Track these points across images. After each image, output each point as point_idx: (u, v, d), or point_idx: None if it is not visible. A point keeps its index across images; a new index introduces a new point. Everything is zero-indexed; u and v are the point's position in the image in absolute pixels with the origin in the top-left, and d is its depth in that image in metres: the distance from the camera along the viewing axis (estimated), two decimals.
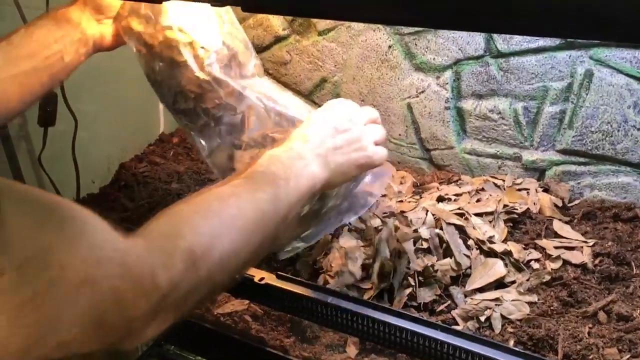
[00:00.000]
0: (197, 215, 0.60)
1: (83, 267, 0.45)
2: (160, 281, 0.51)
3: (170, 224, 0.58)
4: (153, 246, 0.54)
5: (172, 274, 0.53)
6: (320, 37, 1.35)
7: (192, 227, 0.58)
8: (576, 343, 0.83)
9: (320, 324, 0.84)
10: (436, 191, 1.16)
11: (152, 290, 0.50)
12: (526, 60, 1.13)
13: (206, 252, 0.57)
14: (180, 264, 0.54)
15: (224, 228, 0.61)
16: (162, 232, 0.56)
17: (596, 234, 1.04)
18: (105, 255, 0.47)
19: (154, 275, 0.51)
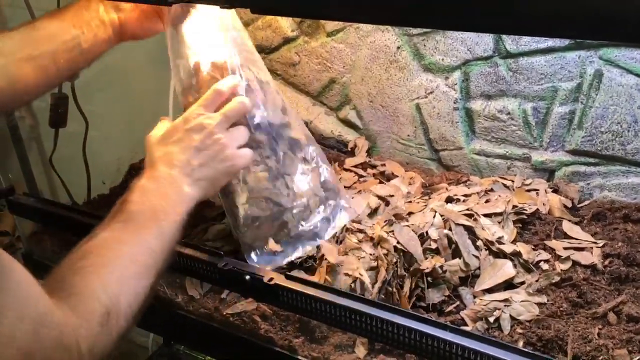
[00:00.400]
0: (100, 269, 0.64)
1: (25, 343, 0.50)
2: (83, 347, 0.57)
3: (82, 281, 0.62)
4: (77, 312, 0.58)
5: (90, 338, 0.58)
6: (329, 38, 1.36)
7: (101, 283, 0.62)
8: (586, 344, 0.82)
9: (329, 324, 0.84)
10: (445, 192, 1.16)
11: (76, 356, 0.56)
12: (535, 60, 1.13)
13: (116, 307, 0.62)
14: (97, 327, 0.59)
15: (124, 278, 0.65)
16: (80, 294, 0.60)
17: (606, 235, 1.04)
18: (45, 331, 0.52)
19: (79, 343, 0.56)
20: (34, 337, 0.51)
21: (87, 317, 0.59)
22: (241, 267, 0.87)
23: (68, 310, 0.57)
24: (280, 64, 1.46)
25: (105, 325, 0.60)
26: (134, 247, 0.68)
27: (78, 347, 0.56)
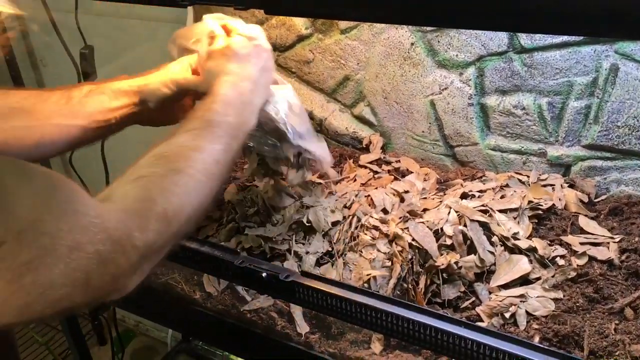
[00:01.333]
0: (166, 179, 0.67)
1: (70, 236, 0.52)
2: (138, 242, 0.58)
3: (143, 188, 0.65)
4: (129, 211, 0.60)
5: (148, 236, 0.60)
6: (343, 35, 1.36)
7: (164, 192, 0.65)
8: (602, 339, 0.82)
9: (345, 320, 0.85)
10: (460, 188, 1.16)
11: (130, 250, 0.57)
12: (550, 55, 1.12)
13: (177, 212, 0.65)
14: (154, 225, 0.61)
15: (191, 185, 0.68)
16: (137, 197, 0.63)
17: (623, 230, 1.03)
18: (88, 223, 0.54)
19: (132, 237, 0.58)
20: (79, 229, 0.52)
21: (140, 216, 0.61)
22: (258, 265, 0.88)
23: (118, 209, 0.60)
24: (295, 62, 1.47)
25: (165, 226, 0.63)
26: (205, 156, 0.72)
27: (130, 239, 0.58)
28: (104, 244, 0.54)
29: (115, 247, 0.55)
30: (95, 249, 0.53)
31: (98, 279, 0.54)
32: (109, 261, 0.55)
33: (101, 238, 0.54)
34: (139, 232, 0.59)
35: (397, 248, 0.97)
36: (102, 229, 0.55)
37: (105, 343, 1.89)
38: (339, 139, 1.47)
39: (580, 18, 0.52)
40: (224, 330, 1.02)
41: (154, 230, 0.61)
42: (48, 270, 0.50)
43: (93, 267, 0.53)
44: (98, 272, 0.54)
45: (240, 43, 0.92)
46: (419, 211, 1.06)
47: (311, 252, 1.02)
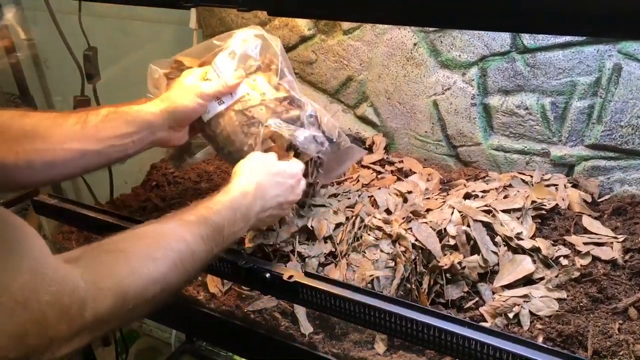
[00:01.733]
0: (141, 260, 0.65)
1: (21, 292, 0.50)
2: (87, 314, 0.57)
3: (114, 261, 0.64)
4: (90, 280, 0.58)
5: (100, 310, 0.58)
6: (346, 36, 1.36)
7: (133, 272, 0.63)
8: (606, 339, 0.82)
9: (349, 321, 0.85)
10: (463, 188, 1.16)
11: (76, 319, 0.56)
12: (553, 55, 1.12)
13: (138, 295, 0.63)
14: (110, 302, 0.59)
15: (160, 276, 0.66)
16: (104, 269, 0.62)
17: (626, 230, 1.03)
18: (43, 283, 0.52)
19: (82, 308, 0.56)
20: (30, 287, 0.51)
21: (98, 288, 0.59)
22: (261, 265, 0.88)
23: (77, 274, 0.58)
24: (298, 63, 1.47)
25: (121, 304, 0.61)
26: (187, 251, 0.71)
27: (81, 310, 0.56)
28: (51, 307, 0.53)
29: (62, 314, 0.54)
30: (40, 309, 0.52)
31: (35, 339, 0.52)
32: (51, 325, 0.54)
33: (50, 301, 0.53)
34: (93, 303, 0.58)
35: (400, 248, 0.97)
36: (54, 292, 0.53)
37: (109, 344, 1.89)
38: None
39: (583, 18, 0.52)
40: (228, 331, 1.02)
41: (108, 306, 0.59)
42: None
43: (33, 326, 0.52)
44: (37, 332, 0.52)
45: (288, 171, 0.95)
46: (422, 211, 1.06)
47: (313, 254, 1.02)
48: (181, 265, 0.70)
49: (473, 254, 0.96)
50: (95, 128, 0.90)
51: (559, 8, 0.52)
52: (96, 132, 0.90)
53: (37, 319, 0.52)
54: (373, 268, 0.97)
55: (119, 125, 0.92)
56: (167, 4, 0.99)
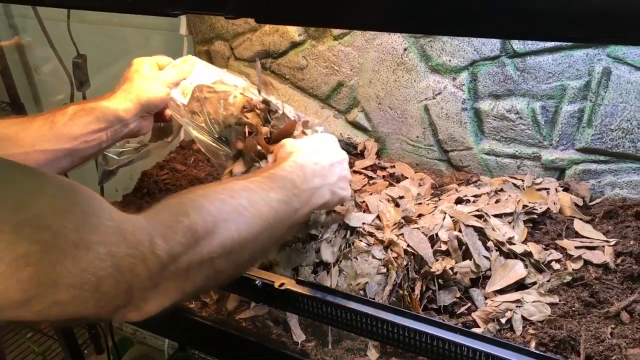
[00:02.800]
0: (203, 200, 0.62)
1: (77, 234, 0.47)
2: (159, 250, 0.53)
3: (176, 203, 0.61)
4: (154, 219, 0.56)
5: (172, 245, 0.55)
6: (336, 41, 1.36)
7: (197, 208, 0.60)
8: (599, 344, 0.82)
9: (341, 328, 0.84)
10: (455, 193, 1.16)
11: (150, 257, 0.52)
12: (543, 59, 1.12)
13: (209, 233, 0.59)
14: (180, 238, 0.56)
15: (231, 214, 0.63)
16: (167, 209, 0.59)
17: (618, 233, 1.03)
18: (99, 223, 0.50)
19: (152, 243, 0.53)
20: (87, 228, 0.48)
21: (165, 225, 0.56)
22: (252, 273, 0.88)
23: (141, 217, 0.55)
24: (288, 68, 1.47)
25: (193, 242, 0.57)
26: (254, 196, 0.67)
27: (151, 246, 0.53)
28: (118, 246, 0.50)
29: (131, 250, 0.51)
30: (108, 250, 0.49)
31: (111, 285, 0.49)
32: (124, 267, 0.50)
33: (115, 240, 0.50)
34: (161, 239, 0.54)
35: (392, 254, 0.97)
36: (116, 230, 0.50)
37: (102, 352, 1.88)
38: None
39: (573, 23, 0.52)
40: (220, 339, 1.02)
41: (180, 242, 0.56)
42: (51, 267, 0.45)
43: (105, 270, 0.48)
44: (111, 277, 0.49)
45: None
46: (414, 217, 1.05)
47: (305, 263, 1.02)
48: (254, 209, 0.65)
49: (465, 259, 0.96)
50: (65, 127, 0.90)
51: (548, 12, 0.52)
52: (67, 131, 0.90)
53: (106, 261, 0.48)
54: (365, 274, 0.96)
55: (89, 122, 0.92)
56: (155, 11, 0.98)
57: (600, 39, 0.51)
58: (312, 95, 1.47)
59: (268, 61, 1.50)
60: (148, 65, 1.03)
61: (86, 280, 0.47)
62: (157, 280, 0.54)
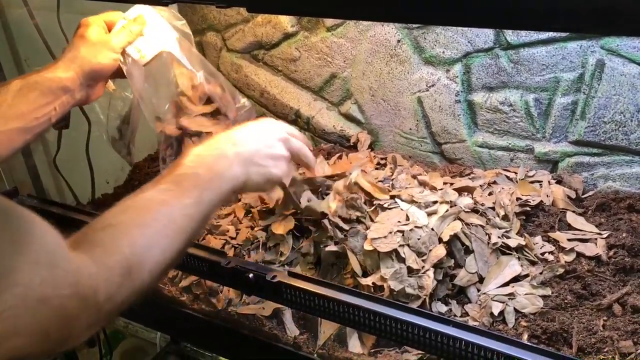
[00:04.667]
0: (134, 229, 0.65)
1: (41, 289, 0.51)
2: (100, 297, 0.57)
3: (111, 237, 0.63)
4: (97, 263, 0.59)
5: (111, 289, 0.59)
6: (329, 33, 1.35)
7: (129, 241, 0.63)
8: (591, 336, 0.82)
9: (333, 320, 0.84)
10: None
11: (93, 305, 0.56)
12: (536, 51, 1.12)
13: (140, 264, 0.63)
14: (118, 278, 0.60)
15: (156, 238, 0.66)
16: (105, 246, 0.62)
17: (610, 226, 1.03)
18: (60, 277, 0.53)
19: (97, 292, 0.57)
20: (50, 282, 0.51)
21: (108, 268, 0.59)
22: (244, 266, 0.87)
23: (88, 260, 0.58)
24: (281, 60, 1.46)
25: (128, 278, 0.61)
26: (172, 211, 0.69)
27: (95, 295, 0.56)
28: (70, 299, 0.53)
29: (80, 303, 0.55)
30: (61, 302, 0.53)
31: (57, 332, 0.53)
32: (72, 316, 0.54)
33: (69, 293, 0.53)
34: (104, 285, 0.58)
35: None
36: (73, 283, 0.54)
37: (94, 345, 1.87)
38: (327, 137, 1.47)
39: (566, 14, 0.51)
40: (212, 332, 1.01)
41: (117, 283, 0.60)
42: (14, 320, 0.49)
43: (55, 320, 0.52)
44: (59, 325, 0.53)
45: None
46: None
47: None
48: (174, 225, 0.68)
49: (467, 254, 0.95)
50: (11, 107, 0.88)
51: (541, 3, 0.52)
52: (14, 110, 0.88)
53: (58, 313, 0.52)
54: (359, 267, 0.96)
55: (35, 98, 0.89)
56: (146, 0, 0.98)
57: (594, 29, 0.51)
58: (305, 87, 1.46)
59: (260, 53, 1.49)
60: (95, 28, 0.98)
61: (37, 330, 0.51)
62: (93, 321, 0.58)
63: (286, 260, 1.03)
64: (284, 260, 1.03)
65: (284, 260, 1.03)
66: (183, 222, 0.70)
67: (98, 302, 0.57)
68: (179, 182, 0.73)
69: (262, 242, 1.06)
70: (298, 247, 1.04)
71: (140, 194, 0.71)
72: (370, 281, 0.91)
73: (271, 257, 1.04)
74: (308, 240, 1.03)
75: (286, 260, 1.03)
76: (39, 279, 0.50)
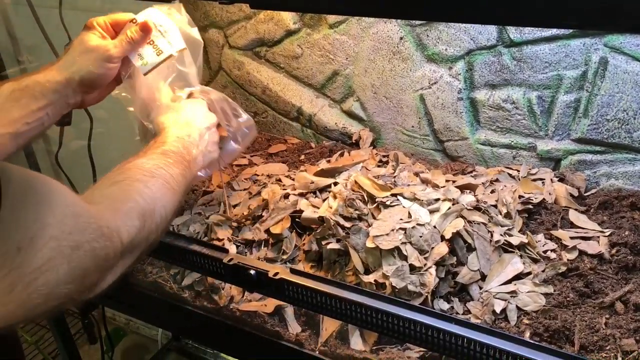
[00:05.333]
0: (140, 184, 0.74)
1: (72, 237, 0.56)
2: (124, 238, 0.64)
3: (120, 190, 0.71)
4: (115, 209, 0.67)
5: (131, 231, 0.66)
6: (331, 30, 1.35)
7: (140, 194, 0.72)
8: (593, 334, 0.82)
9: (335, 317, 0.84)
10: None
11: (118, 245, 0.63)
12: (539, 49, 1.12)
13: (150, 211, 0.71)
14: (136, 222, 0.67)
15: (158, 191, 0.75)
16: (118, 198, 0.70)
17: (613, 224, 1.03)
18: (85, 224, 0.58)
19: (120, 233, 0.63)
20: (78, 230, 0.57)
21: (124, 213, 0.67)
22: (246, 262, 0.87)
23: (104, 208, 0.65)
24: (283, 57, 1.46)
25: (142, 224, 0.68)
26: (167, 174, 0.79)
27: (119, 236, 0.63)
28: (97, 241, 0.59)
29: (106, 242, 0.60)
30: (91, 246, 0.58)
31: (92, 274, 0.59)
32: (101, 256, 0.59)
33: (95, 236, 0.59)
34: (124, 227, 0.65)
35: None
36: (97, 227, 0.59)
37: (95, 342, 1.87)
38: (329, 134, 1.47)
39: (571, 10, 0.51)
40: (214, 329, 1.01)
41: (134, 226, 0.67)
42: (55, 272, 0.54)
43: (89, 262, 0.58)
44: (93, 268, 0.58)
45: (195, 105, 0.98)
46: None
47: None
48: (168, 185, 0.77)
49: (469, 251, 0.95)
50: (2, 111, 0.86)
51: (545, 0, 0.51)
52: (5, 115, 0.86)
53: (91, 255, 0.58)
54: (361, 265, 0.96)
55: (27, 103, 0.88)
56: None
57: (597, 26, 0.51)
58: (307, 84, 1.46)
59: (263, 49, 1.49)
60: (96, 33, 0.95)
61: (77, 275, 0.56)
62: (118, 260, 0.64)
63: (288, 258, 1.03)
64: (286, 258, 1.03)
65: (286, 258, 1.03)
66: (176, 186, 0.79)
67: (123, 242, 0.63)
68: (167, 154, 0.83)
69: (264, 239, 1.06)
70: (300, 244, 1.04)
71: (132, 161, 0.79)
72: (372, 279, 0.91)
73: (273, 255, 1.04)
74: (310, 237, 1.03)
75: (288, 257, 1.03)
76: (68, 229, 0.55)
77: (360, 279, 0.93)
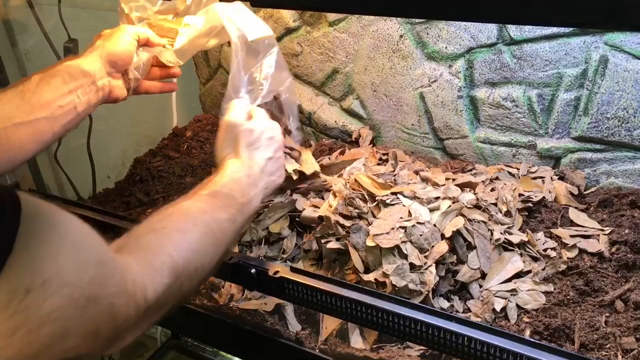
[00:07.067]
0: (177, 234, 0.68)
1: (90, 287, 0.50)
2: (149, 296, 0.58)
3: (156, 240, 0.66)
4: (144, 264, 0.60)
5: (158, 289, 0.60)
6: (331, 27, 1.35)
7: (175, 245, 0.66)
8: (593, 332, 0.82)
9: (335, 316, 0.84)
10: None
11: (142, 303, 0.57)
12: (540, 47, 1.12)
13: (185, 267, 0.65)
14: (166, 280, 0.61)
15: (197, 243, 0.69)
16: (150, 249, 0.64)
17: (613, 222, 1.03)
18: (107, 275, 0.53)
19: (145, 291, 0.58)
20: (98, 281, 0.51)
21: (154, 268, 0.61)
22: (247, 261, 0.87)
23: (133, 261, 0.59)
24: (283, 55, 1.45)
25: (174, 278, 0.62)
26: (211, 221, 0.72)
27: (143, 294, 0.57)
28: (119, 297, 0.54)
29: (128, 301, 0.55)
30: (110, 301, 0.53)
31: (107, 331, 0.53)
32: (120, 314, 0.54)
33: (116, 291, 0.53)
34: (151, 285, 0.59)
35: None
36: (121, 281, 0.54)
37: None
38: (328, 132, 1.46)
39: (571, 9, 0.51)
40: (213, 327, 1.01)
41: (164, 284, 0.61)
42: (64, 321, 0.48)
43: (105, 319, 0.52)
44: (109, 324, 0.53)
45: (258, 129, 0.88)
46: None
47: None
48: (212, 233, 0.71)
49: (469, 250, 0.95)
50: (35, 95, 0.86)
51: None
52: (38, 98, 0.86)
53: (107, 311, 0.52)
54: (361, 263, 0.96)
55: (57, 85, 0.88)
56: None
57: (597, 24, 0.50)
58: (307, 82, 1.46)
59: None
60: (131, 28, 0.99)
61: (89, 330, 0.51)
62: (141, 320, 0.59)
63: (288, 256, 1.03)
64: (286, 256, 1.03)
65: (286, 256, 1.03)
66: (219, 233, 0.73)
67: (147, 300, 0.58)
68: (216, 197, 0.77)
69: (265, 238, 1.06)
70: (300, 243, 1.04)
71: (178, 203, 0.73)
72: (372, 277, 0.91)
73: (273, 253, 1.04)
74: (310, 236, 1.03)
75: (288, 256, 1.03)
76: (87, 278, 0.50)
77: (361, 277, 0.93)
